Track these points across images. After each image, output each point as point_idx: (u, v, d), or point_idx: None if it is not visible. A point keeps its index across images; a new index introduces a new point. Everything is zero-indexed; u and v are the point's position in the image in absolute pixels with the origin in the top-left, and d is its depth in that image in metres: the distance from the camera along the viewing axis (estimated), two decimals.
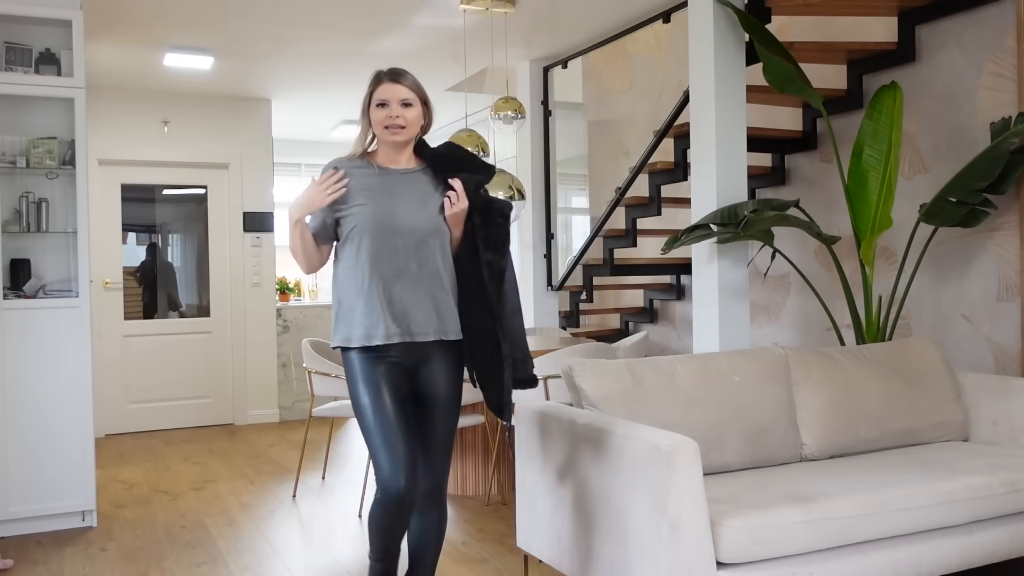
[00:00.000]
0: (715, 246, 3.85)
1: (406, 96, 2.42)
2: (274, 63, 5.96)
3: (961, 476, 2.71)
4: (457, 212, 2.42)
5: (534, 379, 2.52)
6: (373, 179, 2.43)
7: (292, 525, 4.08)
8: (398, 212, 2.38)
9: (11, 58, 4.03)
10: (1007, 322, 3.64)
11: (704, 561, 2.31)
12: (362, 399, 2.36)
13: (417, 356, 2.42)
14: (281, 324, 7.19)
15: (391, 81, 2.43)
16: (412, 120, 2.42)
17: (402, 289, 2.37)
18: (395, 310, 2.37)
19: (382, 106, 2.42)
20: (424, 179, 2.48)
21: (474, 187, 2.44)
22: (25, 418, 3.95)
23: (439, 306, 2.42)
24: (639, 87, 5.85)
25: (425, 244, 2.39)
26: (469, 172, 2.47)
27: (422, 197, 2.44)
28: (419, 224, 2.39)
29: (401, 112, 2.40)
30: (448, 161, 2.50)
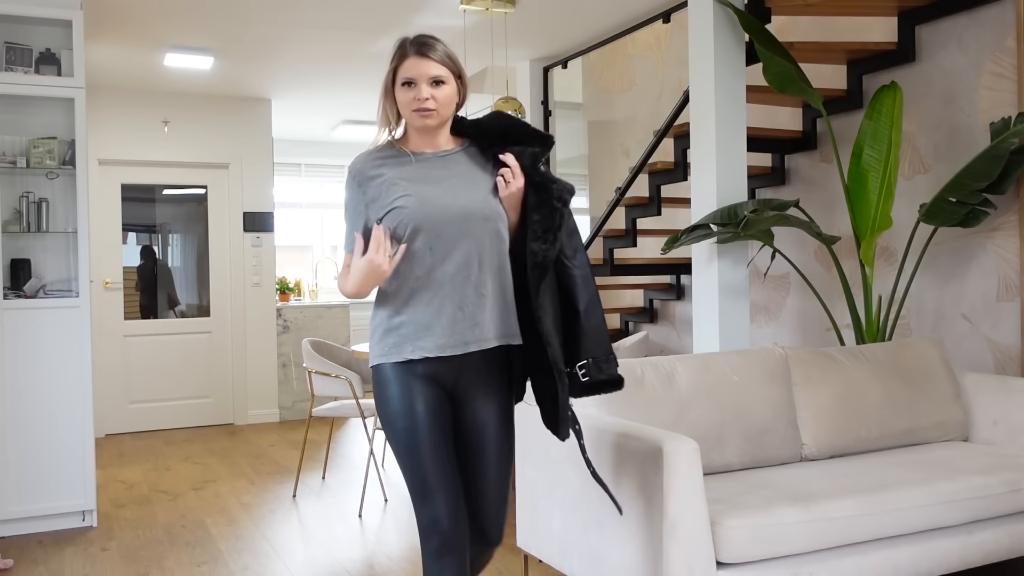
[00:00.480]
0: (715, 246, 3.86)
1: (437, 73, 1.98)
2: (274, 63, 5.96)
3: (961, 476, 2.71)
4: (514, 192, 2.03)
5: (619, 379, 2.12)
6: (410, 168, 2.03)
7: (292, 525, 4.09)
8: (446, 199, 1.99)
9: (11, 58, 4.03)
10: (1007, 322, 3.64)
11: (704, 561, 2.31)
12: (396, 424, 2.00)
13: (468, 370, 2.04)
14: (281, 324, 7.19)
15: (418, 55, 1.98)
16: (445, 101, 2.01)
17: (460, 290, 1.98)
18: (450, 317, 1.98)
19: (408, 85, 1.99)
20: (468, 159, 2.10)
21: (529, 161, 2.05)
22: (25, 418, 3.95)
23: (505, 305, 2.05)
24: (639, 87, 5.85)
25: (483, 232, 2.00)
26: (522, 144, 2.07)
27: (469, 179, 2.05)
28: (476, 209, 2.00)
29: (431, 92, 1.98)
30: (496, 134, 2.10)
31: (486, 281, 2.01)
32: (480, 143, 2.12)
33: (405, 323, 1.99)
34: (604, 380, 2.09)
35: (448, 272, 1.98)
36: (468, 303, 1.99)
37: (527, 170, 2.04)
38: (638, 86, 5.86)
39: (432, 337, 1.97)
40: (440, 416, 2.00)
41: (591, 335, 2.07)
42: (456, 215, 1.98)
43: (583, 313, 2.07)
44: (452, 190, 2.02)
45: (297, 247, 8.92)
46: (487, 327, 2.01)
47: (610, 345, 2.11)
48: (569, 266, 2.08)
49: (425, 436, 1.97)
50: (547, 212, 2.02)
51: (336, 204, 9.07)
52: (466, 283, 1.98)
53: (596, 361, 2.07)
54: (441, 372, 2.00)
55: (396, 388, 1.99)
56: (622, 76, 6.02)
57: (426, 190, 2.00)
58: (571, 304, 2.08)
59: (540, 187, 2.04)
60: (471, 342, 1.99)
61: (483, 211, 2.01)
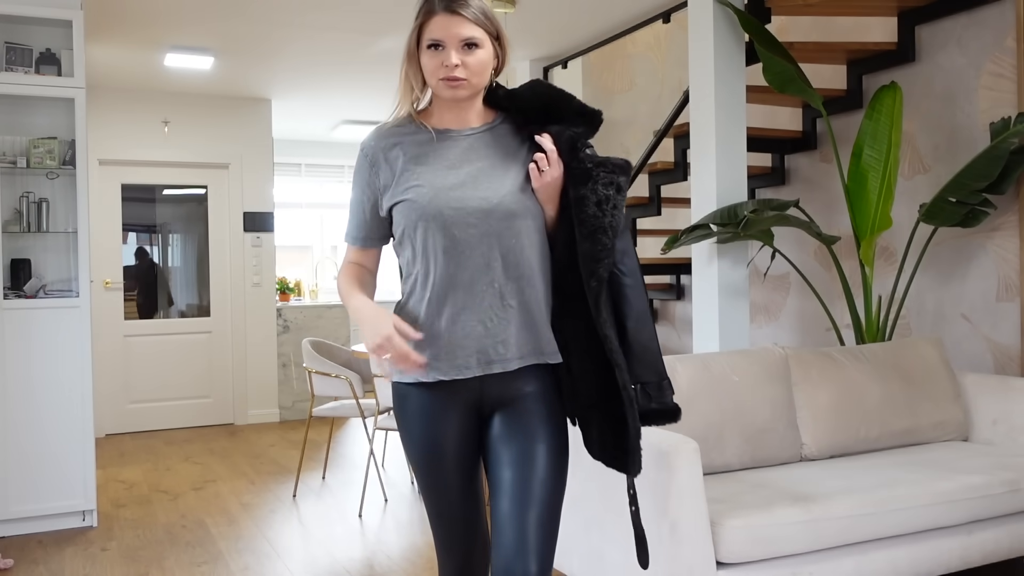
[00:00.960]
0: (715, 246, 3.86)
1: (470, 34, 1.64)
2: (274, 63, 5.96)
3: (960, 476, 2.71)
4: (548, 182, 1.68)
5: (675, 410, 1.78)
6: (428, 149, 1.72)
7: (292, 525, 4.09)
8: (468, 190, 1.68)
9: (11, 58, 4.03)
10: (1007, 322, 3.64)
11: (704, 561, 2.31)
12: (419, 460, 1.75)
13: (502, 391, 1.73)
14: (281, 324, 7.19)
15: (447, 12, 1.63)
16: (478, 67, 1.66)
17: (483, 300, 1.68)
18: (473, 330, 1.68)
19: (435, 48, 1.65)
20: (499, 140, 1.75)
21: (568, 145, 1.68)
22: (25, 418, 3.95)
23: (534, 318, 1.72)
24: (639, 87, 5.85)
25: (510, 231, 1.68)
26: (562, 123, 1.70)
27: (500, 166, 1.72)
28: (499, 204, 1.67)
29: (463, 58, 1.65)
30: (534, 108, 1.74)
31: (514, 290, 1.69)
32: (516, 119, 1.77)
33: (424, 341, 1.69)
34: (656, 410, 1.76)
35: (466, 280, 1.67)
36: (491, 317, 1.68)
37: (564, 155, 1.68)
38: (638, 86, 5.86)
39: (451, 357, 1.69)
40: (465, 444, 1.75)
41: (640, 356, 1.73)
42: (476, 210, 1.66)
43: (631, 330, 1.73)
44: (474, 179, 1.69)
45: (297, 247, 8.92)
46: (514, 344, 1.70)
47: (663, 369, 1.77)
48: (616, 272, 1.73)
49: (444, 470, 1.74)
50: (592, 207, 1.65)
51: (336, 204, 9.08)
52: (488, 293, 1.67)
53: (646, 388, 1.74)
54: (468, 392, 1.72)
55: (417, 418, 1.73)
56: (622, 76, 6.03)
57: (443, 178, 1.69)
58: (618, 319, 1.73)
59: (581, 176, 1.67)
60: (494, 361, 1.69)
61: (509, 205, 1.68)
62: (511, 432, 1.72)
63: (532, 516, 1.68)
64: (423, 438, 1.73)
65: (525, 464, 1.70)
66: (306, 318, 7.30)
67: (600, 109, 1.73)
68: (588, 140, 1.71)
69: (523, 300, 1.70)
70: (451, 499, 1.77)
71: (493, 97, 1.77)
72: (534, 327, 1.72)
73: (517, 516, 1.68)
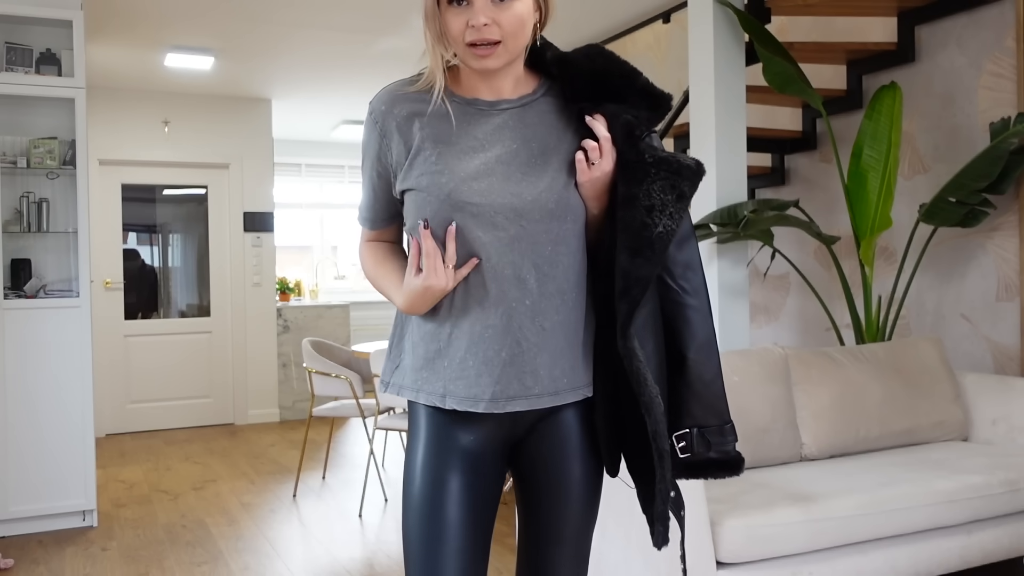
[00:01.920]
0: (715, 246, 3.86)
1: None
2: (274, 63, 5.97)
3: (960, 476, 2.71)
4: (598, 176, 1.35)
5: (737, 460, 1.43)
6: (451, 123, 1.37)
7: (292, 525, 4.09)
8: (497, 181, 1.34)
9: (12, 58, 4.03)
10: (1006, 322, 3.64)
11: (704, 561, 2.31)
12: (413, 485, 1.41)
13: (528, 424, 1.44)
14: (281, 324, 7.19)
15: None
16: (514, 24, 1.30)
17: (507, 318, 1.36)
18: (496, 356, 1.36)
19: (459, 2, 1.30)
20: (544, 116, 1.40)
21: (624, 131, 1.34)
22: (25, 418, 3.95)
23: (572, 343, 1.40)
24: None
25: (548, 236, 1.35)
26: (620, 104, 1.36)
27: (539, 152, 1.37)
28: (535, 201, 1.34)
29: (493, 14, 1.29)
30: (587, 80, 1.38)
31: (545, 308, 1.37)
32: (565, 91, 1.40)
33: (441, 353, 1.40)
34: (715, 460, 1.42)
35: (493, 295, 1.35)
36: (517, 341, 1.36)
37: (619, 144, 1.34)
38: None
39: (465, 382, 1.38)
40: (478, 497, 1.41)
41: (701, 395, 1.40)
42: (505, 208, 1.33)
43: (692, 362, 1.40)
44: (505, 167, 1.35)
45: (297, 247, 8.92)
46: (546, 377, 1.38)
47: (727, 411, 1.43)
48: (676, 289, 1.40)
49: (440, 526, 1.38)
50: (641, 213, 1.32)
51: (337, 204, 9.07)
52: (519, 311, 1.36)
53: (703, 432, 1.40)
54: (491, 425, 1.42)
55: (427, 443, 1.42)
56: None
57: (466, 164, 1.35)
58: (674, 347, 1.40)
59: (635, 172, 1.33)
60: (517, 397, 1.37)
61: (547, 204, 1.34)
62: (544, 459, 1.46)
63: (564, 558, 1.48)
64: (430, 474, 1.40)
65: (559, 499, 1.46)
66: (306, 318, 7.30)
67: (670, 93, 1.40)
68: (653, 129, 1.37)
69: (559, 321, 1.38)
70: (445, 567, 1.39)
71: (538, 59, 1.42)
72: (572, 355, 1.40)
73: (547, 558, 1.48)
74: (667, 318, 1.40)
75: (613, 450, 1.46)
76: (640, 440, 1.37)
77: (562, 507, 1.46)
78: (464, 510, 1.39)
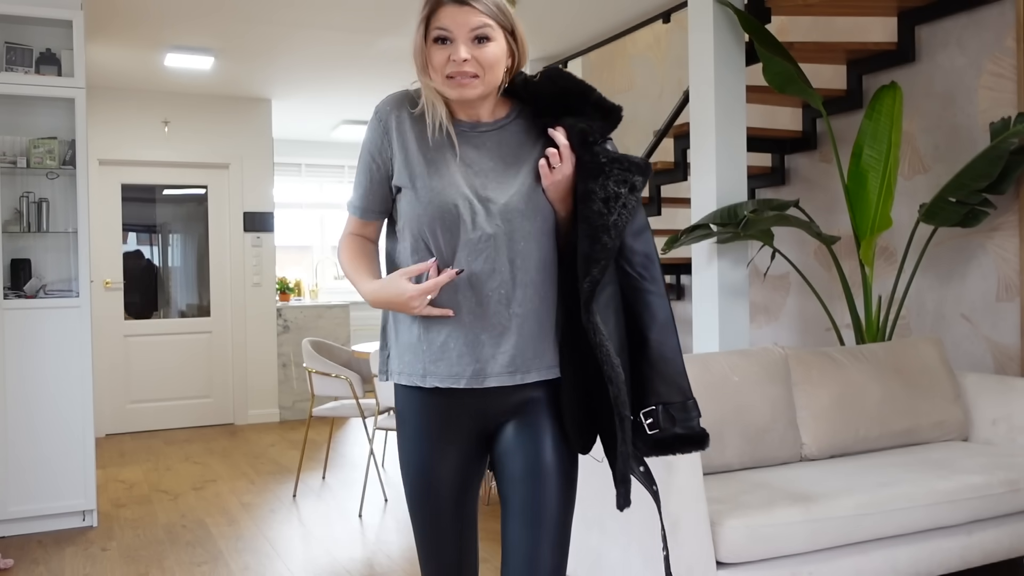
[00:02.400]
0: (715, 246, 3.86)
1: (481, 22, 1.51)
2: (274, 63, 5.96)
3: (960, 476, 2.71)
4: (559, 180, 1.55)
5: (702, 435, 1.60)
6: (441, 140, 1.59)
7: (292, 525, 4.09)
8: (475, 190, 1.56)
9: (12, 58, 4.03)
10: (1007, 322, 3.64)
11: (704, 561, 2.31)
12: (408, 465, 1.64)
13: (509, 400, 1.61)
14: (281, 324, 7.19)
15: (456, 1, 1.51)
16: (490, 61, 1.52)
17: (485, 306, 1.56)
18: (471, 340, 1.57)
19: (443, 42, 1.53)
20: (516, 135, 1.62)
21: (579, 139, 1.54)
22: (25, 418, 3.95)
23: (541, 328, 1.60)
24: (639, 87, 5.85)
25: (519, 233, 1.56)
26: (578, 116, 1.56)
27: (512, 164, 1.59)
28: (507, 204, 1.56)
29: (473, 52, 1.51)
30: (549, 99, 1.59)
31: (520, 297, 1.56)
32: (531, 108, 1.63)
33: (422, 339, 1.60)
34: (680, 436, 1.58)
35: (472, 284, 1.56)
36: (494, 324, 1.56)
37: (576, 150, 1.55)
38: (638, 86, 5.86)
39: (446, 363, 1.57)
40: (462, 466, 1.64)
41: (663, 372, 1.57)
42: (484, 210, 1.56)
43: (654, 342, 1.57)
44: (482, 178, 1.58)
45: (297, 247, 8.92)
46: (519, 356, 1.57)
47: (689, 388, 1.60)
48: (635, 276, 1.58)
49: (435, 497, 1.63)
50: (601, 203, 1.52)
51: (336, 204, 9.07)
52: (492, 298, 1.56)
53: (668, 408, 1.57)
54: (466, 401, 1.61)
55: (413, 425, 1.64)
56: (622, 76, 6.03)
57: (447, 176, 1.57)
58: (636, 329, 1.58)
59: (593, 170, 1.53)
60: (491, 375, 1.57)
61: (518, 206, 1.56)
62: (519, 444, 1.61)
63: (543, 539, 1.60)
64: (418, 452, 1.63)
65: (534, 481, 1.60)
66: (306, 318, 7.30)
67: (620, 105, 1.59)
68: (607, 136, 1.57)
69: (531, 309, 1.57)
70: (440, 530, 1.65)
71: (511, 87, 1.62)
72: (541, 338, 1.59)
73: (527, 539, 1.59)
74: (629, 303, 1.59)
75: (584, 428, 1.62)
76: (608, 414, 1.54)
77: (540, 487, 1.60)
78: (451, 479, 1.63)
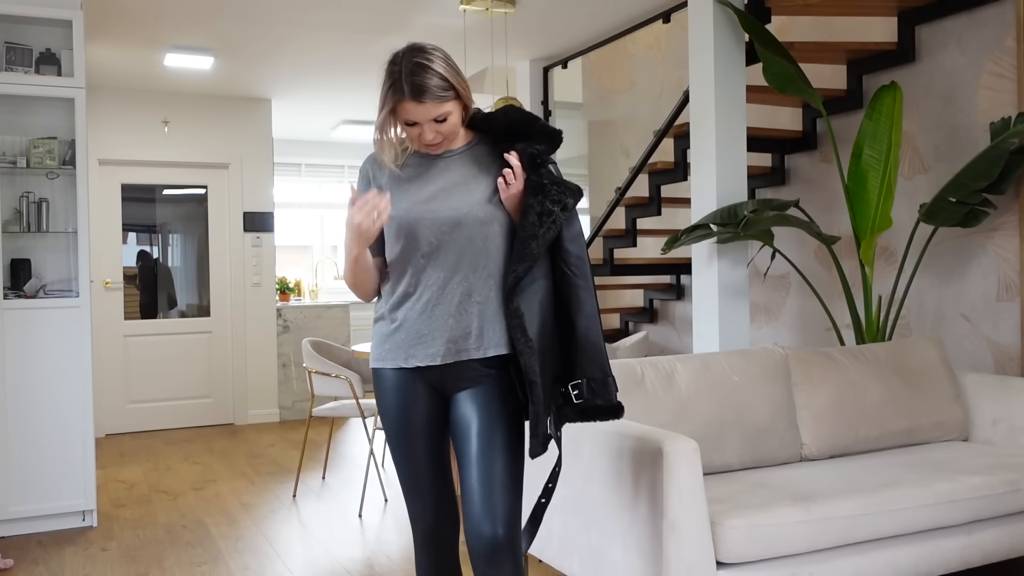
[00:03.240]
0: (715, 246, 3.86)
1: (438, 112, 1.88)
2: (274, 63, 5.97)
3: (961, 476, 2.71)
4: (514, 194, 1.92)
5: (618, 407, 1.97)
6: (411, 169, 2.00)
7: (292, 525, 4.09)
8: (441, 202, 1.94)
9: (11, 58, 4.03)
10: (1007, 322, 3.64)
11: (704, 561, 2.31)
12: (389, 427, 2.01)
13: (467, 377, 1.97)
14: (281, 324, 7.19)
15: (415, 100, 1.86)
16: (451, 130, 1.93)
17: (451, 296, 1.93)
18: (440, 324, 1.93)
19: (412, 124, 1.93)
20: (473, 158, 2.01)
21: (527, 161, 1.92)
22: (25, 418, 3.95)
23: (495, 313, 1.95)
24: (639, 87, 5.85)
25: (479, 236, 1.93)
26: (527, 141, 1.95)
27: (472, 180, 1.97)
28: (468, 213, 1.92)
29: (436, 129, 1.91)
30: (504, 129, 1.99)
31: (479, 288, 1.94)
32: (489, 136, 2.02)
33: (399, 329, 1.97)
34: (600, 406, 1.95)
35: (439, 278, 1.93)
36: (460, 311, 1.93)
37: (526, 170, 1.92)
38: (638, 86, 5.86)
39: (424, 346, 1.94)
40: (433, 420, 2.00)
41: (588, 353, 1.94)
42: (447, 219, 1.92)
43: (580, 327, 1.94)
44: (447, 192, 1.95)
45: (297, 247, 8.92)
46: (480, 336, 1.94)
47: (608, 368, 1.96)
48: (568, 273, 1.95)
49: (413, 440, 1.99)
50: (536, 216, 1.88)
51: (336, 204, 9.08)
52: (458, 290, 1.93)
53: (591, 383, 1.94)
54: (436, 377, 1.97)
55: (392, 394, 2.00)
56: (622, 76, 6.03)
57: (419, 194, 1.96)
58: (568, 316, 1.95)
59: (536, 188, 1.90)
60: (462, 351, 1.94)
61: (477, 214, 1.93)
62: (473, 409, 1.96)
63: (497, 485, 1.91)
64: (396, 408, 1.98)
65: (487, 438, 1.94)
66: (306, 318, 7.30)
67: (560, 129, 1.99)
68: (549, 157, 1.95)
69: (488, 297, 1.94)
70: (420, 469, 2.00)
71: (471, 120, 2.01)
72: (497, 321, 1.95)
73: (483, 486, 1.91)
74: (561, 294, 1.96)
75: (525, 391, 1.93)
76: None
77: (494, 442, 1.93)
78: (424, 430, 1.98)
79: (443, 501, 2.02)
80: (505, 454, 1.94)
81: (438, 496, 2.01)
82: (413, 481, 2.00)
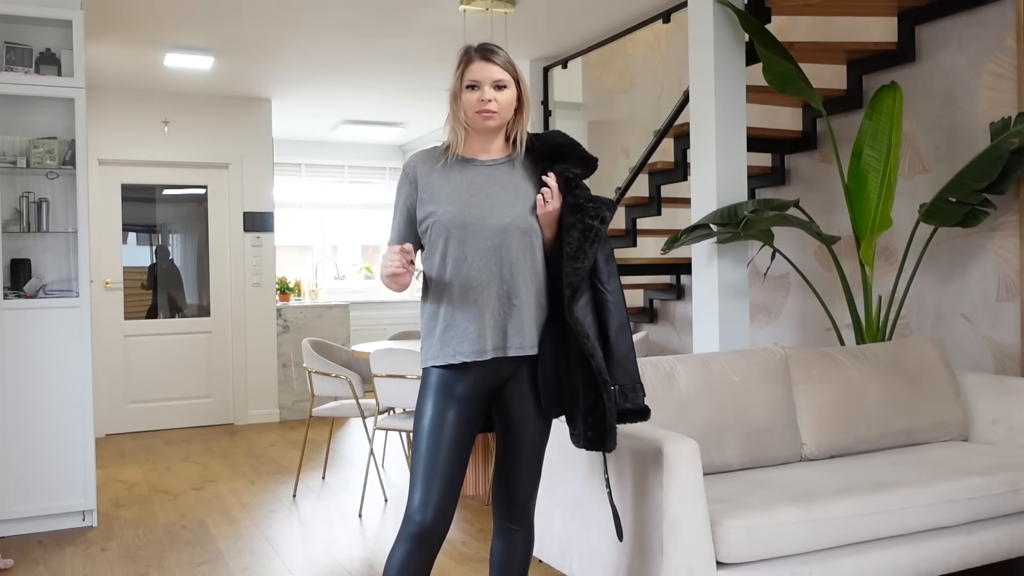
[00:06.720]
0: (715, 246, 3.86)
1: (499, 77, 2.09)
2: (274, 63, 5.96)
3: (961, 476, 2.71)
4: (550, 211, 2.12)
5: (645, 410, 2.18)
6: (457, 174, 2.14)
7: (292, 525, 4.09)
8: (487, 209, 2.10)
9: (11, 58, 4.03)
10: (1007, 322, 3.64)
11: (704, 561, 2.31)
12: (423, 420, 2.11)
13: (505, 373, 2.14)
14: (281, 324, 7.19)
15: (483, 59, 2.10)
16: (505, 104, 2.11)
17: (494, 298, 2.09)
18: (485, 323, 2.09)
19: (472, 88, 2.10)
20: (515, 171, 2.18)
21: (565, 183, 2.13)
22: (25, 418, 3.95)
23: (533, 316, 2.13)
24: (639, 87, 5.85)
25: (517, 245, 2.11)
26: (566, 164, 2.16)
27: (512, 191, 2.14)
28: (511, 223, 2.10)
29: (494, 95, 2.09)
30: (546, 150, 2.20)
31: (518, 292, 2.10)
32: (534, 156, 2.21)
33: (447, 328, 2.11)
34: (630, 409, 2.14)
35: (482, 280, 2.09)
36: (500, 311, 2.10)
37: (563, 191, 2.12)
38: (638, 86, 5.86)
39: (468, 342, 2.08)
40: (469, 420, 2.12)
41: (619, 362, 2.14)
42: (492, 226, 2.09)
43: (612, 339, 2.14)
44: (492, 199, 2.11)
45: (297, 247, 8.92)
46: (517, 336, 2.11)
47: (638, 374, 2.17)
48: (602, 290, 2.15)
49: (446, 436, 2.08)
50: (580, 233, 2.09)
51: (336, 204, 9.08)
52: (499, 292, 2.09)
53: (623, 389, 2.13)
54: (480, 374, 2.11)
55: (434, 394, 2.11)
56: (622, 76, 6.02)
57: (467, 198, 2.11)
58: (601, 329, 2.15)
59: (575, 208, 2.10)
60: (500, 348, 2.10)
61: (519, 225, 2.11)
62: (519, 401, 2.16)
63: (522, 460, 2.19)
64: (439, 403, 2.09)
65: (522, 425, 2.18)
66: (306, 318, 7.30)
67: (597, 157, 2.21)
68: (583, 180, 2.16)
69: (524, 301, 2.11)
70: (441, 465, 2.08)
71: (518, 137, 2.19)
72: (532, 323, 2.13)
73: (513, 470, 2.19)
74: (596, 309, 2.15)
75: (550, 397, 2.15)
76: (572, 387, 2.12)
77: (524, 431, 2.18)
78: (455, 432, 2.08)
79: (449, 500, 2.09)
80: (543, 442, 2.21)
81: (447, 494, 2.08)
82: (429, 474, 2.06)
